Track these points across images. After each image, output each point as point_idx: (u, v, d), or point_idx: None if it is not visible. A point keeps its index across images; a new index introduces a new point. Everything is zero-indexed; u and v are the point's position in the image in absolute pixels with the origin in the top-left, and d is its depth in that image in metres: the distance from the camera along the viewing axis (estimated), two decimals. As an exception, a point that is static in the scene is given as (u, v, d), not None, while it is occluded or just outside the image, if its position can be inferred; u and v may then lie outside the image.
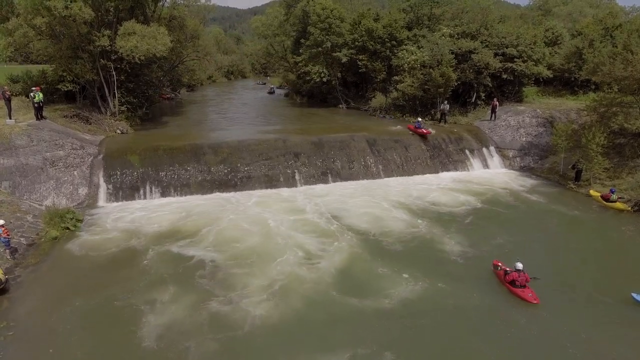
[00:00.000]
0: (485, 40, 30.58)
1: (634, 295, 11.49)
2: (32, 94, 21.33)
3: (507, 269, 12.59)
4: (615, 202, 18.52)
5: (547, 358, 9.57)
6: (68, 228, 15.64)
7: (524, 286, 11.92)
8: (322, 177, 22.04)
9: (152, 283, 12.29)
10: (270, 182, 21.14)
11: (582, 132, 21.88)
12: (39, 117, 21.49)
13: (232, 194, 20.06)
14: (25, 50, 29.57)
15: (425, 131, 25.26)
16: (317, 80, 39.40)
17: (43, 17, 21.95)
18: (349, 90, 42.61)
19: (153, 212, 17.62)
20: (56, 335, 10.10)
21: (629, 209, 18.19)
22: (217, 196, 19.72)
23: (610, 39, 31.36)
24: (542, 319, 10.93)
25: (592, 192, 20.09)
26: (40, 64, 32.53)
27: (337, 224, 16.54)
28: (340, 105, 40.44)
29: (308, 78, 41.47)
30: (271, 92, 59.70)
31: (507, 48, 30.00)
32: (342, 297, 11.65)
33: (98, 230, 15.87)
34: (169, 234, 15.56)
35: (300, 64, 43.27)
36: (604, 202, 18.89)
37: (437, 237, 15.58)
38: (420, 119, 26.64)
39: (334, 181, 22.03)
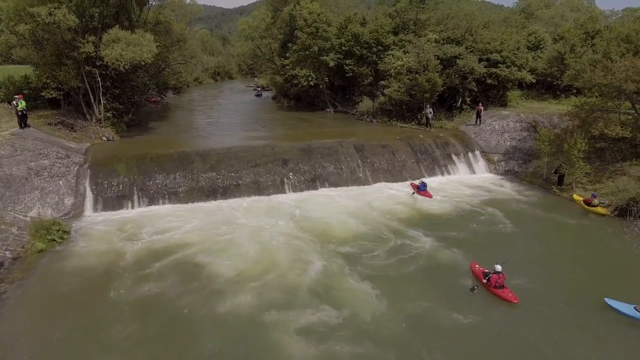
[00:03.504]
0: (470, 45, 31.04)
1: (607, 300, 11.98)
2: (14, 102, 21.03)
3: (486, 270, 13.15)
4: (596, 206, 19.03)
5: (522, 356, 10.06)
6: (54, 240, 15.43)
7: (503, 286, 12.47)
8: (311, 183, 22.15)
9: (134, 304, 11.89)
10: (259, 189, 21.14)
11: (564, 137, 22.38)
12: (23, 125, 21.18)
13: (220, 202, 20.00)
14: (7, 52, 29.04)
15: (429, 195, 20.91)
16: (305, 84, 39.48)
17: (26, 24, 21.52)
18: (337, 94, 42.77)
19: (140, 221, 17.47)
20: (44, 356, 9.96)
21: (609, 213, 18.72)
22: (206, 205, 19.63)
23: (590, 45, 32.16)
24: (519, 319, 11.45)
25: (575, 196, 20.61)
26: (22, 64, 31.87)
27: (326, 234, 16.60)
28: (328, 109, 40.62)
29: (296, 81, 41.49)
30: (258, 95, 59.60)
31: (491, 54, 30.51)
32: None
33: (85, 242, 15.66)
34: (155, 246, 15.40)
35: (287, 67, 43.25)
36: (586, 206, 19.39)
37: (424, 242, 15.80)
38: (424, 180, 22.06)
39: (323, 187, 22.16)
